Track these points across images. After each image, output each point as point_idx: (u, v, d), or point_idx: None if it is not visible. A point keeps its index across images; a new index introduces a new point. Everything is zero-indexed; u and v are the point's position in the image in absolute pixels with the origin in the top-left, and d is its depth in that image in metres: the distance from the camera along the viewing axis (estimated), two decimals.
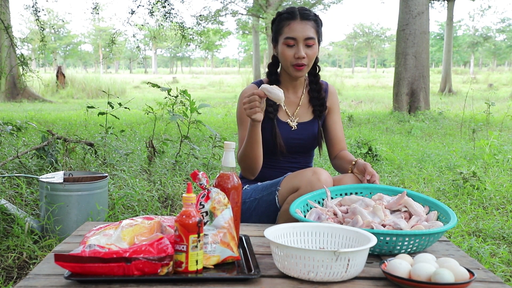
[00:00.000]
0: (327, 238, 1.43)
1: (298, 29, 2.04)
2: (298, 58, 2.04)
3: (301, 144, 2.19)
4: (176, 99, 4.91)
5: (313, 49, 2.06)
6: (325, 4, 25.25)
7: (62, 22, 52.27)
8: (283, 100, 1.74)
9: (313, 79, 2.22)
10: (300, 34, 2.03)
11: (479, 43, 47.93)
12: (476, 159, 5.50)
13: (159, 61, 75.92)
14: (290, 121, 2.18)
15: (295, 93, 2.21)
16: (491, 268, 2.46)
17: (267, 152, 2.14)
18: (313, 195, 1.79)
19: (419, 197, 1.77)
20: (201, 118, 5.89)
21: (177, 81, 32.18)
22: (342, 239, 1.42)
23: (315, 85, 2.21)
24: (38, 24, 9.34)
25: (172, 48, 54.89)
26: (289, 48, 2.05)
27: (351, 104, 15.21)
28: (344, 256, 1.22)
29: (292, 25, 2.05)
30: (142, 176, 4.28)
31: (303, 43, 2.04)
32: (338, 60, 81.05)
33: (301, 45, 2.04)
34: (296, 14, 2.06)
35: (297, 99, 2.21)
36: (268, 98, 1.80)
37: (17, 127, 5.07)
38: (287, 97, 2.18)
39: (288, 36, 2.04)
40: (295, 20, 2.05)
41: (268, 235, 1.32)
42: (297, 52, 2.03)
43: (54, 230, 2.68)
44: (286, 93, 2.18)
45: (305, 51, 2.04)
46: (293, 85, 2.19)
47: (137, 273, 1.21)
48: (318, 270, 1.22)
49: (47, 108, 12.56)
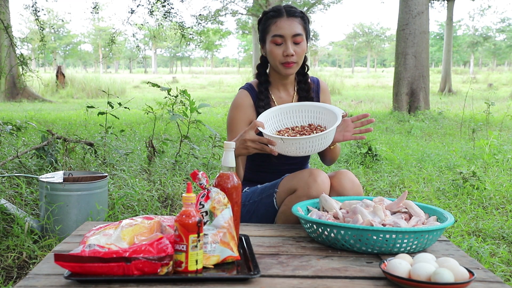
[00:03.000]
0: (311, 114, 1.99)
1: (285, 26, 2.01)
2: (287, 56, 2.01)
3: None
4: (176, 99, 4.91)
5: (301, 46, 2.03)
6: (325, 4, 25.24)
7: (62, 21, 52.27)
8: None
9: (301, 78, 2.18)
10: (288, 31, 2.00)
11: (479, 43, 47.94)
12: (476, 159, 5.50)
13: (159, 61, 75.90)
14: None
15: (287, 91, 2.18)
16: (490, 268, 2.46)
17: (262, 156, 2.11)
18: (313, 202, 1.78)
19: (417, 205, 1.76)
20: (201, 118, 5.90)
21: (177, 81, 32.18)
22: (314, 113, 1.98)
23: (304, 85, 2.18)
24: (38, 23, 9.35)
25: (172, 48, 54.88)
26: (277, 46, 2.02)
27: (351, 104, 15.20)
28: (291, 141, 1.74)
29: (278, 22, 2.02)
30: (142, 176, 4.28)
31: (291, 40, 2.01)
32: (338, 60, 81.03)
33: (289, 43, 2.01)
34: (282, 12, 2.03)
35: (290, 97, 2.18)
36: (259, 98, 2.08)
37: (17, 127, 5.07)
38: (279, 97, 2.16)
39: (276, 34, 2.01)
40: (282, 17, 2.02)
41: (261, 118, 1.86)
42: (286, 49, 2.00)
43: (54, 230, 2.68)
44: (278, 93, 2.16)
45: (293, 48, 2.01)
46: (284, 84, 2.16)
47: (137, 273, 1.21)
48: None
49: (47, 108, 12.56)
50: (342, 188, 1.94)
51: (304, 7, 23.97)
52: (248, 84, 2.18)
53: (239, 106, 2.12)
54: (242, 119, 2.10)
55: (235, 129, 2.08)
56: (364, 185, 4.19)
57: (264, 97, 2.12)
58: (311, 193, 1.84)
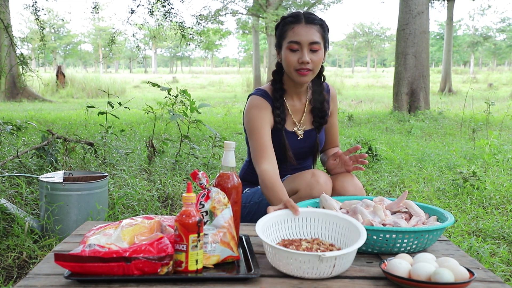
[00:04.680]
0: (321, 224, 1.49)
1: (302, 33, 1.93)
2: (302, 63, 1.93)
3: (307, 151, 2.16)
4: (176, 98, 4.91)
5: (318, 54, 1.95)
6: (325, 4, 25.23)
7: (62, 21, 52.25)
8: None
9: (316, 89, 2.11)
10: (305, 38, 1.93)
11: (479, 42, 47.94)
12: (476, 158, 5.50)
13: (159, 61, 75.90)
14: (297, 129, 2.11)
15: (300, 100, 2.12)
16: (491, 268, 2.46)
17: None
18: (314, 202, 1.78)
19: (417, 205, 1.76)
20: (201, 118, 5.90)
21: (177, 80, 32.19)
22: (335, 226, 1.47)
23: (318, 96, 2.11)
24: (38, 23, 9.35)
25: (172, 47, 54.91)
26: (293, 52, 1.94)
27: (351, 103, 15.20)
28: (329, 259, 1.24)
29: (296, 29, 1.94)
30: (142, 175, 4.28)
31: (308, 47, 1.93)
32: (338, 59, 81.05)
33: (306, 50, 1.93)
34: (301, 18, 1.96)
35: (302, 106, 2.12)
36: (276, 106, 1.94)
37: (17, 126, 5.07)
38: (292, 105, 2.10)
39: (292, 40, 1.94)
40: (300, 24, 1.95)
41: (259, 230, 1.36)
42: (301, 56, 1.93)
43: (54, 230, 2.68)
44: (291, 101, 2.10)
45: (309, 56, 1.93)
46: (298, 92, 2.10)
47: (137, 272, 1.21)
48: (305, 270, 1.25)
49: (47, 108, 12.56)
50: (344, 191, 1.94)
51: (304, 7, 23.96)
52: (262, 90, 2.10)
53: (259, 107, 2.02)
54: (265, 119, 2.00)
55: (259, 129, 1.97)
56: (364, 185, 4.19)
57: (279, 104, 2.06)
58: (314, 194, 1.85)
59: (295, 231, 1.49)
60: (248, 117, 2.02)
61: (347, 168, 2.02)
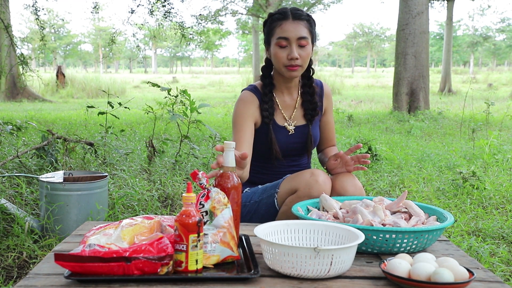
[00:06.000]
0: (320, 236, 1.45)
1: (290, 29, 1.98)
2: (291, 59, 1.98)
3: (299, 147, 2.17)
4: (176, 98, 4.91)
5: (306, 49, 2.00)
6: (325, 4, 25.24)
7: (62, 21, 52.30)
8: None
9: (306, 82, 2.16)
10: (293, 34, 1.97)
11: (478, 43, 47.93)
12: (475, 158, 5.50)
13: (159, 61, 75.88)
14: (288, 124, 2.14)
15: (290, 95, 2.16)
16: (490, 268, 2.46)
17: (263, 157, 2.13)
18: (313, 202, 1.78)
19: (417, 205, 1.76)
20: (201, 118, 5.89)
21: (177, 80, 32.18)
22: (336, 237, 1.43)
23: (309, 89, 2.16)
24: (38, 23, 9.35)
25: (172, 47, 54.90)
26: (282, 49, 1.99)
27: (351, 103, 15.20)
28: (326, 253, 1.22)
29: (284, 25, 1.99)
30: (142, 175, 4.28)
31: (296, 43, 1.98)
32: (338, 60, 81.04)
33: (294, 46, 1.98)
34: (288, 14, 2.01)
35: (293, 101, 2.16)
36: (264, 100, 1.92)
37: (17, 126, 5.07)
38: (283, 101, 2.15)
39: (280, 36, 1.98)
40: (287, 20, 1.99)
41: (258, 233, 1.34)
42: (290, 52, 1.97)
43: (54, 230, 2.68)
44: (281, 96, 2.14)
45: (298, 51, 1.98)
46: (288, 87, 2.14)
47: (137, 272, 1.21)
48: (301, 266, 1.23)
49: (47, 108, 12.56)
50: (344, 191, 1.95)
51: (304, 7, 23.96)
52: (253, 85, 2.15)
53: (245, 101, 2.09)
54: (248, 114, 2.06)
55: (241, 123, 2.04)
56: (364, 185, 4.19)
57: (268, 99, 2.10)
58: (313, 194, 1.85)
59: (294, 242, 1.45)
60: (234, 111, 2.11)
61: (348, 168, 2.02)
